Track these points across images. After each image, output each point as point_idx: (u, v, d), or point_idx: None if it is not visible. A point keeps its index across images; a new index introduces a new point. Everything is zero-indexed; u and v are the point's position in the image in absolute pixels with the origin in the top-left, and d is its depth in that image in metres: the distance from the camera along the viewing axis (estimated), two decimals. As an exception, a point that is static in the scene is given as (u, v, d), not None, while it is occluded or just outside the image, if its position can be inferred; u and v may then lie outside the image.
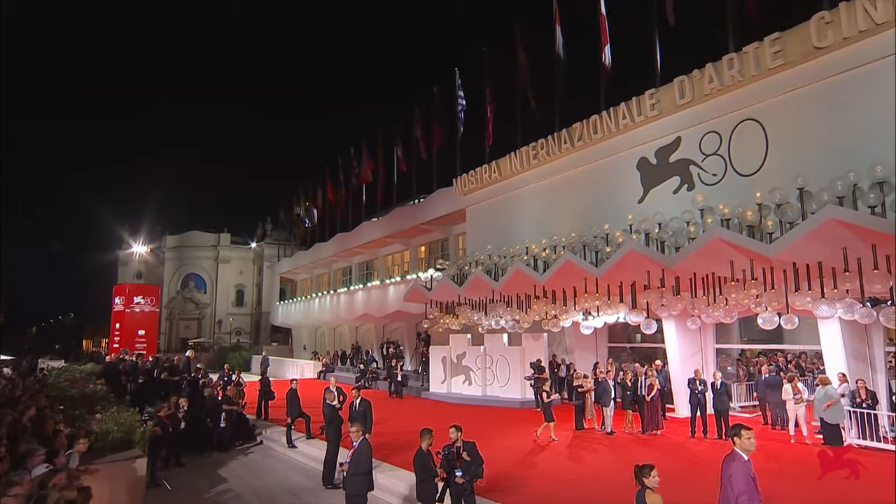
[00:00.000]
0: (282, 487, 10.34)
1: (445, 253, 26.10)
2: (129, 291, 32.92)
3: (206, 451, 12.85)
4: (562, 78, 18.97)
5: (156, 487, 10.26)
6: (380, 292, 28.61)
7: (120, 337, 31.94)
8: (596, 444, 12.29)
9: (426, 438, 7.43)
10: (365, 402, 10.31)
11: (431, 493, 7.34)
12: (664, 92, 14.62)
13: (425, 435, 7.44)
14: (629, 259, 12.64)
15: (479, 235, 21.33)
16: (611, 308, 13.82)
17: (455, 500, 7.46)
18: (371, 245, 30.99)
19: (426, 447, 7.38)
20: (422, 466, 7.28)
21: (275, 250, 48.88)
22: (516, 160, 19.50)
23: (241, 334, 49.15)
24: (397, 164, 28.45)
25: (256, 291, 52.77)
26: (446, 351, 20.55)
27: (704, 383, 12.94)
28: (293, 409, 13.02)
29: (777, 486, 8.33)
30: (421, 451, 7.37)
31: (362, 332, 33.64)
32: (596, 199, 16.58)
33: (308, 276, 41.97)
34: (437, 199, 24.82)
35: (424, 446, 7.38)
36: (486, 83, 22.08)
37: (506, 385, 18.50)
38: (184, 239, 52.62)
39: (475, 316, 18.55)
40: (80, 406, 11.88)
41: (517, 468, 10.24)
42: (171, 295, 51.24)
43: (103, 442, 9.55)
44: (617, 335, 18.73)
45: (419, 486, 7.35)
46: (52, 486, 5.90)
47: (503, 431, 13.63)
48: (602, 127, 16.30)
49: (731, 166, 13.08)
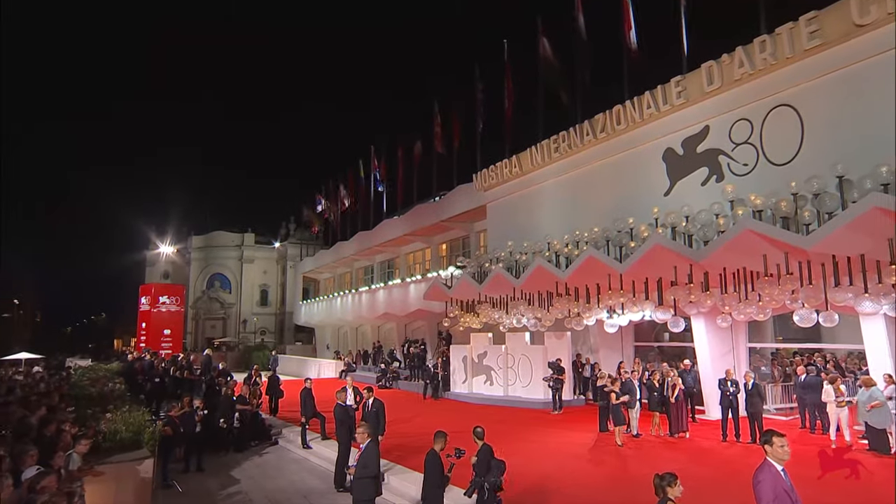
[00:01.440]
0: (294, 489, 10.07)
1: (466, 250, 25.73)
2: (155, 291, 33.30)
3: (220, 451, 12.68)
4: (584, 68, 18.39)
5: (167, 489, 10.09)
6: (401, 291, 28.34)
7: (146, 336, 32.32)
8: (621, 447, 11.73)
9: (440, 441, 7.04)
10: (378, 403, 9.97)
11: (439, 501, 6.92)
12: (691, 79, 13.95)
13: (439, 437, 7.07)
14: (655, 254, 12.06)
15: (500, 232, 20.86)
16: (636, 305, 13.23)
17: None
18: (392, 243, 30.78)
19: (439, 450, 6.98)
20: (433, 470, 6.89)
21: (298, 250, 49.12)
22: (537, 154, 18.97)
23: (266, 334, 49.44)
24: (414, 162, 28.17)
25: (280, 291, 53.09)
26: (467, 350, 20.14)
27: (736, 384, 12.27)
28: (307, 409, 12.76)
29: (818, 496, 7.72)
30: (434, 454, 6.99)
31: (384, 331, 33.43)
32: (620, 193, 15.98)
33: (330, 276, 42.00)
34: (458, 195, 24.43)
35: (437, 449, 6.98)
36: (507, 76, 21.60)
37: (528, 385, 18.00)
38: (209, 239, 53.22)
39: (496, 314, 18.11)
40: (93, 405, 11.82)
41: (537, 471, 9.78)
42: (197, 295, 51.85)
43: (111, 442, 9.40)
44: (644, 334, 18.08)
45: (430, 490, 6.95)
46: (41, 489, 5.68)
47: (524, 433, 13.16)
48: (626, 117, 15.69)
49: (763, 155, 12.38)
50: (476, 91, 23.25)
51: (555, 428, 13.81)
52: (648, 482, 9.15)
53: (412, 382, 24.11)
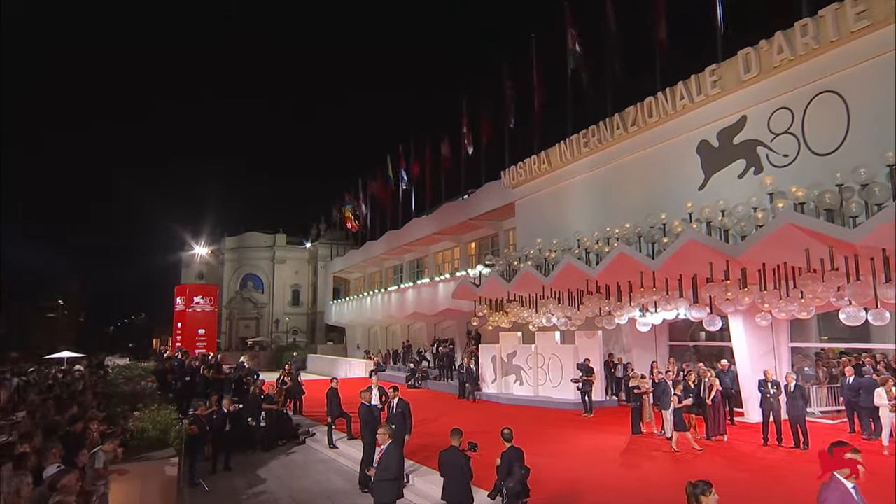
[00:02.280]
0: (319, 489, 9.98)
1: (496, 249, 25.44)
2: (190, 292, 33.89)
3: (248, 451, 12.70)
4: (614, 61, 17.89)
5: (194, 487, 10.11)
6: (430, 290, 28.19)
7: (182, 336, 32.91)
8: (654, 451, 11.30)
9: (457, 438, 7.10)
10: (403, 403, 9.80)
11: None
12: (727, 67, 13.39)
13: (456, 434, 7.12)
14: (689, 249, 11.58)
15: (529, 229, 20.51)
16: (669, 303, 12.73)
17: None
18: (421, 242, 30.67)
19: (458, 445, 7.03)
20: (459, 467, 6.75)
21: (328, 250, 49.49)
22: (566, 149, 18.56)
23: (298, 333, 50.00)
24: (442, 161, 27.99)
25: (312, 291, 53.59)
26: (496, 350, 19.84)
27: (777, 385, 11.68)
28: (334, 408, 12.69)
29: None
30: (455, 450, 6.91)
31: (414, 330, 33.36)
32: (652, 188, 15.48)
33: (360, 275, 42.17)
34: (486, 193, 24.14)
35: (456, 444, 7.03)
36: (535, 71, 21.22)
37: (559, 385, 17.61)
38: (242, 240, 54.10)
39: (525, 313, 17.77)
40: (125, 403, 11.99)
41: (566, 474, 9.47)
42: (231, 295, 52.75)
43: (139, 440, 9.47)
44: (679, 333, 17.48)
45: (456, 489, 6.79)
46: (61, 488, 5.67)
47: (554, 434, 12.82)
48: (658, 109, 15.18)
49: (805, 145, 11.77)
50: (504, 87, 22.92)
51: (585, 430, 13.42)
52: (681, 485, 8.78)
53: (441, 382, 23.94)
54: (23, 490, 5.52)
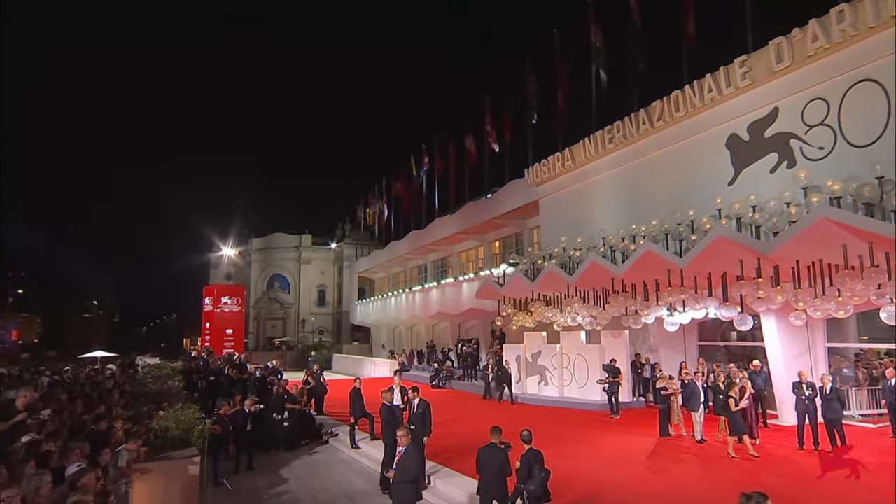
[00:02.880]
0: (340, 490, 9.93)
1: (520, 248, 25.19)
2: (218, 292, 34.30)
3: (271, 450, 12.74)
4: (639, 55, 17.50)
5: (217, 486, 10.15)
6: (454, 290, 28.03)
7: (210, 336, 33.32)
8: (682, 454, 10.96)
9: (496, 435, 7.08)
10: (424, 404, 9.67)
11: None
12: (758, 58, 12.94)
13: (495, 432, 7.11)
14: (718, 247, 11.21)
15: (553, 228, 20.21)
16: (698, 302, 12.36)
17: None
18: (445, 242, 30.56)
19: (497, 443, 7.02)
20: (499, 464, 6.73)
21: (353, 250, 49.71)
22: (591, 146, 18.23)
23: (324, 333, 50.36)
24: (465, 159, 27.82)
25: (337, 291, 53.94)
26: (520, 350, 19.60)
27: (812, 387, 11.22)
28: (356, 408, 12.64)
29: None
30: (495, 447, 6.91)
31: (439, 330, 33.25)
32: (679, 184, 15.08)
33: (385, 275, 42.25)
34: (509, 191, 23.90)
35: (496, 442, 7.01)
36: (558, 67, 20.91)
37: (584, 386, 17.29)
38: (268, 241, 54.75)
39: (549, 313, 17.50)
40: (151, 402, 12.10)
41: (590, 477, 9.23)
42: (258, 295, 53.43)
43: (162, 439, 9.51)
44: (708, 333, 16.99)
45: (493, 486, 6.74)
46: (81, 487, 5.70)
47: (579, 436, 12.56)
48: (685, 103, 14.78)
49: (841, 136, 11.29)
50: (527, 84, 22.65)
51: (611, 432, 13.12)
52: (712, 491, 8.48)
53: (466, 382, 23.77)
54: (42, 489, 5.54)
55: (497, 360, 21.03)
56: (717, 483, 8.93)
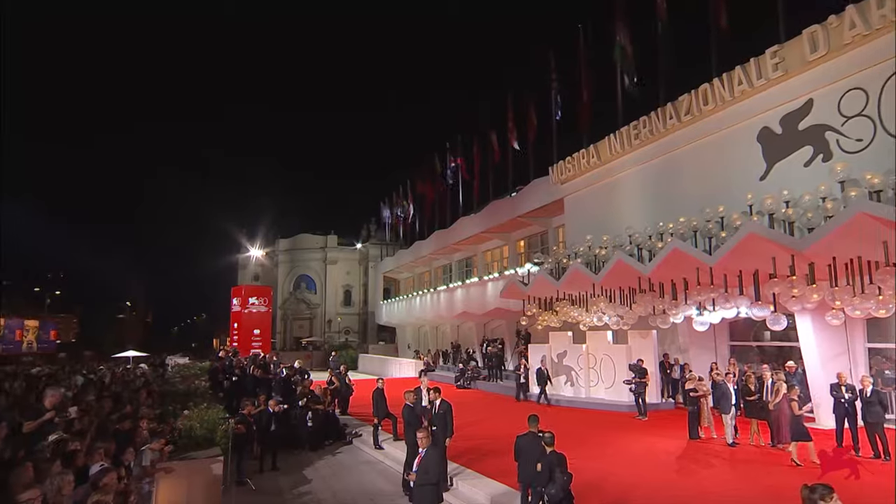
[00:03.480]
0: (362, 491, 9.86)
1: (545, 246, 24.90)
2: (245, 293, 34.77)
3: (296, 450, 12.77)
4: (665, 49, 17.10)
5: (241, 486, 10.18)
6: (478, 289, 27.85)
7: (238, 336, 33.78)
8: (713, 457, 10.61)
9: (534, 423, 7.39)
10: (445, 405, 9.53)
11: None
12: (791, 48, 12.49)
13: (533, 420, 7.48)
14: (750, 243, 10.84)
15: (579, 226, 19.91)
16: (729, 301, 11.97)
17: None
18: (469, 241, 30.41)
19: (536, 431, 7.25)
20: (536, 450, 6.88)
21: (379, 250, 49.91)
22: (616, 142, 17.89)
23: (350, 333, 50.67)
24: (489, 157, 27.62)
25: (363, 291, 54.22)
26: (546, 350, 19.34)
27: (852, 389, 10.75)
28: (379, 409, 12.59)
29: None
30: (533, 434, 7.17)
31: (464, 330, 33.11)
32: (708, 179, 14.68)
33: (410, 275, 42.29)
34: (534, 189, 23.63)
35: (534, 430, 7.27)
36: (582, 63, 20.59)
37: (611, 387, 16.97)
38: (295, 242, 55.33)
39: (575, 312, 17.21)
40: (178, 402, 12.23)
41: (617, 480, 8.98)
42: (285, 296, 54.02)
43: (186, 439, 9.59)
44: (740, 332, 16.50)
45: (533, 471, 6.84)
46: (103, 486, 5.73)
47: (605, 438, 12.28)
48: (714, 96, 14.38)
49: (881, 127, 10.83)
50: (551, 81, 22.37)
51: (639, 433, 12.80)
52: (744, 497, 8.16)
53: (491, 383, 23.59)
54: (64, 488, 5.59)
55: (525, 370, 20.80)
56: (750, 488, 8.61)
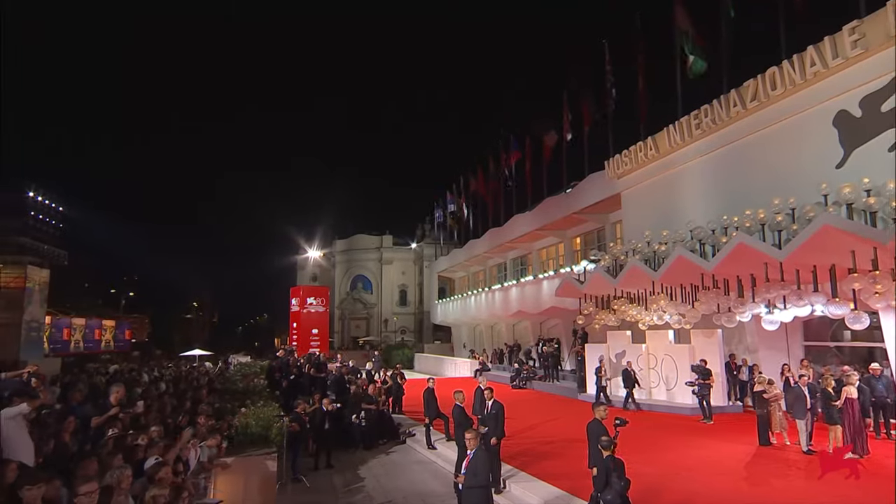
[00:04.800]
0: (414, 491, 9.80)
1: (602, 243, 24.20)
2: (303, 293, 35.55)
3: (351, 449, 12.87)
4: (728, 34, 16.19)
5: (296, 483, 10.32)
6: (534, 288, 27.43)
7: (297, 336, 34.58)
8: (786, 466, 9.90)
9: (600, 410, 7.46)
10: (497, 405, 9.32)
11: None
12: (871, 23, 11.53)
13: (599, 406, 7.58)
14: (825, 236, 10.05)
15: (637, 221, 19.22)
16: (802, 299, 11.16)
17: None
18: (524, 239, 29.99)
19: (600, 419, 7.27)
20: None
21: (433, 250, 50.10)
22: (676, 133, 17.14)
23: (406, 333, 51.11)
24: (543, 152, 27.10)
25: (418, 291, 54.56)
26: (604, 349, 18.75)
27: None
28: (430, 409, 12.52)
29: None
30: (597, 422, 7.23)
31: (519, 329, 32.73)
32: (777, 169, 13.80)
33: (464, 274, 42.19)
34: (589, 185, 22.99)
35: (598, 417, 7.31)
36: (639, 52, 19.85)
37: (673, 388, 16.26)
38: (351, 242, 56.33)
39: (634, 311, 16.59)
40: (236, 400, 12.56)
41: (680, 487, 8.52)
42: (342, 296, 55.06)
43: (243, 436, 9.79)
44: (816, 332, 15.43)
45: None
46: (158, 481, 5.85)
47: (667, 442, 11.72)
48: (783, 80, 13.50)
49: (976, 106, 9.81)
50: (606, 72, 21.70)
51: (703, 438, 12.15)
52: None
53: (547, 383, 23.15)
54: (123, 482, 5.73)
55: (580, 360, 20.31)
56: (824, 498, 7.97)
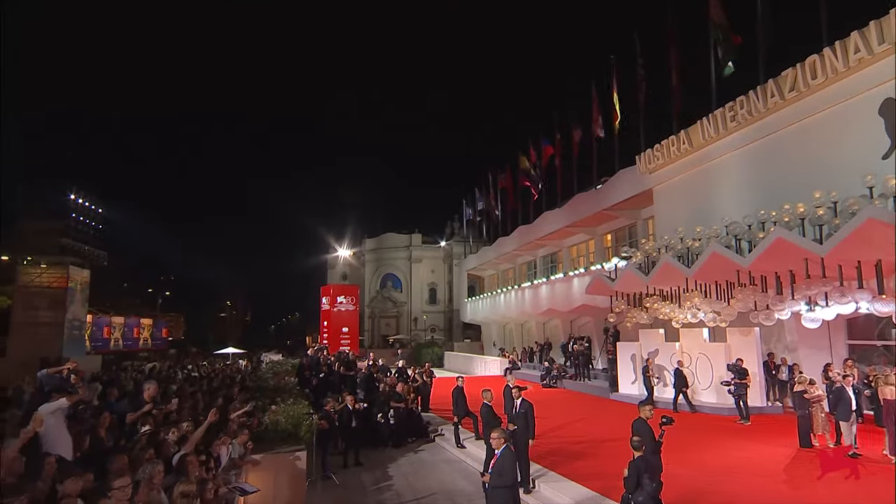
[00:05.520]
0: (442, 490, 9.74)
1: (633, 240, 23.76)
2: (333, 292, 35.85)
3: (380, 447, 12.89)
4: (765, 21, 15.69)
5: (325, 480, 10.37)
6: (564, 285, 27.10)
7: (328, 334, 34.90)
8: (829, 469, 9.52)
9: (645, 409, 7.32)
10: (526, 405, 9.19)
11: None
12: (918, 6, 11.01)
13: (645, 405, 7.43)
14: (870, 231, 9.63)
15: (670, 217, 18.79)
16: (845, 296, 10.71)
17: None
18: (554, 236, 29.68)
19: (646, 418, 7.17)
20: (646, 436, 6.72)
21: (462, 248, 49.99)
22: (710, 126, 16.69)
23: (436, 331, 51.10)
24: (573, 148, 26.74)
25: (448, 289, 54.50)
26: (636, 348, 18.40)
27: None
28: (459, 407, 12.45)
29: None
30: (642, 421, 7.10)
31: (550, 327, 32.40)
32: (817, 161, 13.32)
33: (494, 272, 42.00)
34: (620, 180, 22.60)
35: (644, 417, 7.19)
36: (670, 44, 19.39)
37: (708, 388, 15.85)
38: (380, 241, 56.58)
39: (667, 308, 16.21)
40: (267, 397, 12.68)
41: (717, 489, 8.27)
42: (372, 294, 55.36)
43: (273, 433, 9.86)
44: (861, 330, 14.80)
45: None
46: (186, 474, 5.92)
47: (703, 443, 11.41)
48: (825, 68, 13.00)
49: None
50: (636, 66, 21.28)
51: (741, 439, 11.78)
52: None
53: (578, 382, 22.85)
54: (155, 477, 5.82)
55: (611, 358, 19.99)
56: None
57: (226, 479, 7.34)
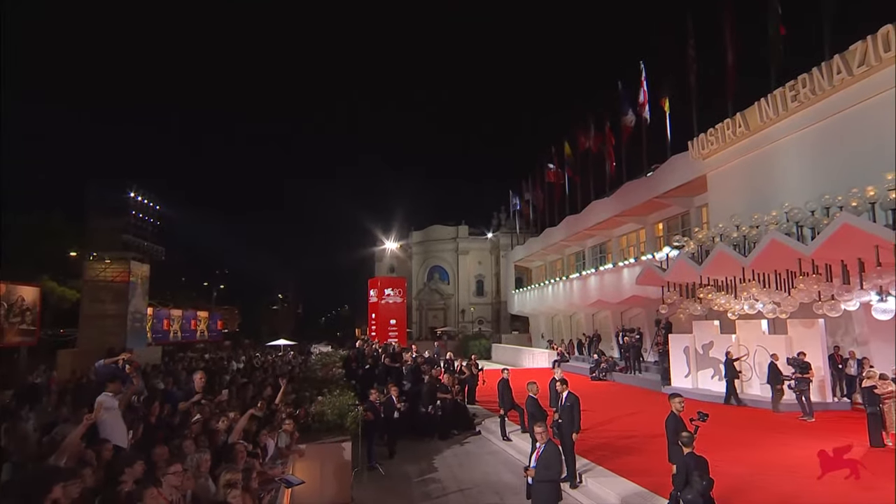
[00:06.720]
0: (487, 483, 9.66)
1: (686, 229, 22.91)
2: (381, 284, 36.15)
3: (426, 438, 12.92)
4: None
5: (371, 471, 10.45)
6: (613, 276, 26.46)
7: (376, 326, 35.26)
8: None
9: (676, 402, 7.31)
10: (572, 398, 8.98)
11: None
12: None
13: (675, 398, 7.41)
14: (949, 213, 8.90)
15: (725, 204, 18.00)
16: (921, 284, 9.98)
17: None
18: (603, 226, 28.99)
19: (677, 412, 7.15)
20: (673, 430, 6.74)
21: (509, 239, 49.56)
22: (768, 108, 15.83)
23: (483, 323, 50.94)
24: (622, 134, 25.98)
25: (495, 281, 54.22)
26: (689, 340, 17.77)
27: None
28: (505, 400, 12.32)
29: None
30: (673, 415, 7.11)
31: (599, 319, 31.75)
32: (889, 141, 12.38)
33: (541, 263, 41.47)
34: (672, 167, 21.79)
35: (675, 410, 7.18)
36: (727, 22, 18.49)
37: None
38: (427, 233, 56.76)
39: (722, 299, 15.55)
40: (314, 388, 12.88)
41: (774, 489, 7.83)
42: (419, 287, 55.66)
43: (319, 424, 10.00)
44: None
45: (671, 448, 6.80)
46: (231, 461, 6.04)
47: (760, 440, 10.89)
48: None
49: None
50: (687, 47, 20.43)
51: (803, 437, 11.17)
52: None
53: (628, 375, 22.31)
54: (202, 466, 5.97)
55: (662, 351, 19.39)
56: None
57: (272, 470, 7.47)
